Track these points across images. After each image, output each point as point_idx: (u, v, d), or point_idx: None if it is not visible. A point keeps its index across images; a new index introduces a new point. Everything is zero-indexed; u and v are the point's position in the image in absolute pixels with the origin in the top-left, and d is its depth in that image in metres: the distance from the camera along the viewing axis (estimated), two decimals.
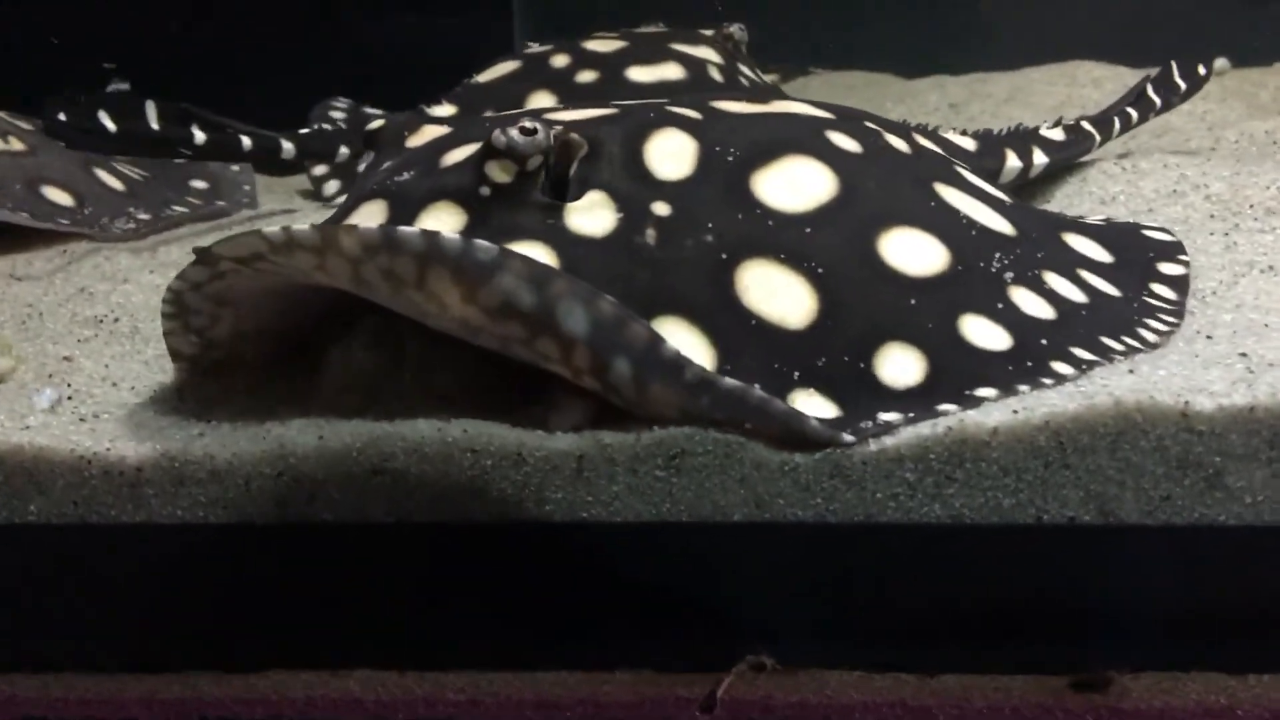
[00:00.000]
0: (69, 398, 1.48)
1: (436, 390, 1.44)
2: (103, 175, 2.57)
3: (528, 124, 1.38)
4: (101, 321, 1.76)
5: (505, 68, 2.85)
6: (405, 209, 1.41)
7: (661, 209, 1.43)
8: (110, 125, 2.42)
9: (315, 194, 2.95)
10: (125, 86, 2.58)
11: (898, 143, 1.68)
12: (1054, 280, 1.53)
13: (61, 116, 2.41)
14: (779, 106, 1.68)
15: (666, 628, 1.36)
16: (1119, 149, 2.51)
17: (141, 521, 1.36)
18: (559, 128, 1.42)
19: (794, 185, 1.49)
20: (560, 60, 2.78)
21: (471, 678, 1.36)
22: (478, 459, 1.33)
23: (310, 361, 1.54)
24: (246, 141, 2.50)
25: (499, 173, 1.40)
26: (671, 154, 1.49)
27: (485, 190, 1.40)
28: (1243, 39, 3.74)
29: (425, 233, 1.24)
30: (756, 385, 1.32)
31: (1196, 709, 1.33)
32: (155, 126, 2.47)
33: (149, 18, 3.14)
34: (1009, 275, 1.49)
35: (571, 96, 2.68)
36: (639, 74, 2.78)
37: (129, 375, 1.59)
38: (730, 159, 1.49)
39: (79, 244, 2.24)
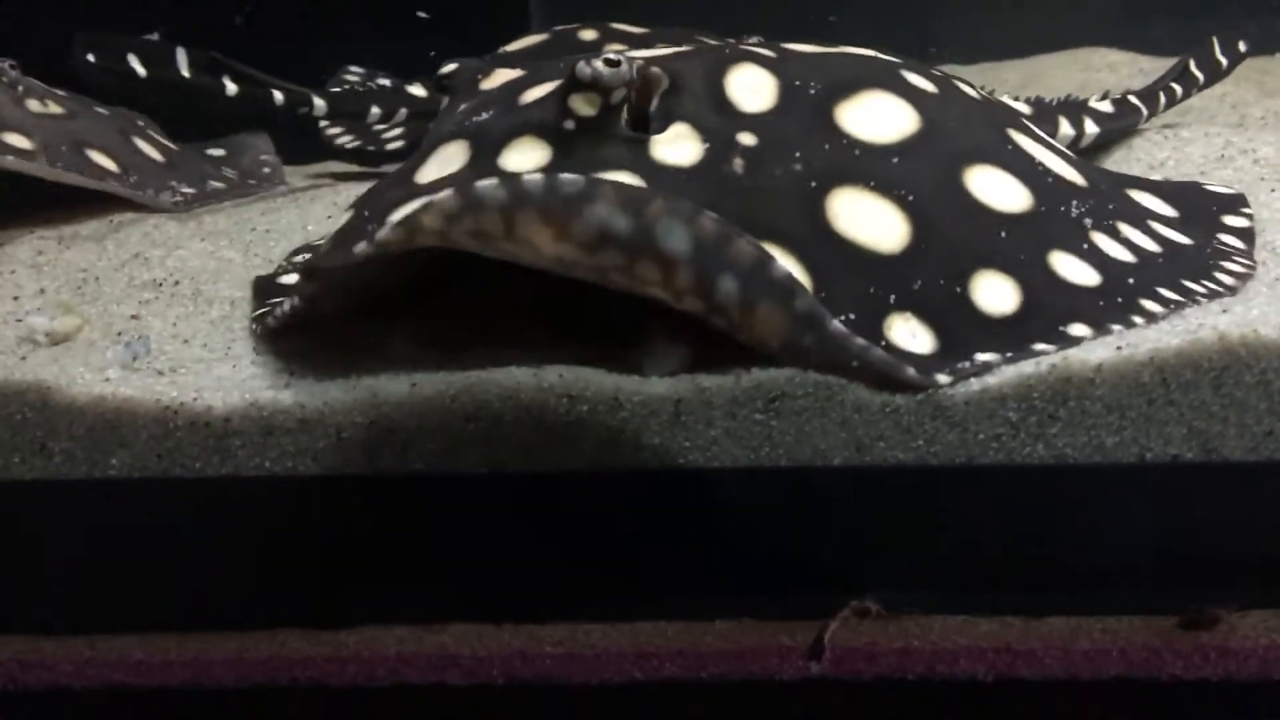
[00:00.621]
0: (146, 352, 1.44)
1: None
2: (143, 145, 2.52)
3: (611, 56, 1.37)
4: (161, 285, 1.72)
5: (533, 40, 2.84)
6: (487, 147, 1.38)
7: (747, 139, 1.42)
8: (140, 69, 2.38)
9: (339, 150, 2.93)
10: (154, 37, 2.51)
11: (968, 89, 1.67)
12: (1128, 230, 1.53)
13: (90, 57, 2.35)
14: (851, 50, 1.67)
15: (767, 574, 1.34)
16: (1157, 124, 2.53)
17: (228, 474, 1.32)
18: (640, 61, 1.41)
19: (877, 118, 1.48)
20: (588, 35, 2.77)
21: (568, 630, 1.34)
22: (574, 405, 1.30)
23: (389, 324, 1.52)
24: (278, 96, 2.45)
25: (583, 105, 1.38)
26: (753, 87, 1.47)
27: (569, 124, 1.38)
28: (1244, 27, 3.82)
29: (504, 183, 1.21)
30: (850, 316, 1.31)
31: None
32: (186, 74, 2.41)
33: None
34: (1088, 221, 1.49)
35: None
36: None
37: (199, 333, 1.55)
38: (812, 92, 1.48)
39: (123, 213, 2.19)
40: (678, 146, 1.40)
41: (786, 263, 1.33)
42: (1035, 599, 1.33)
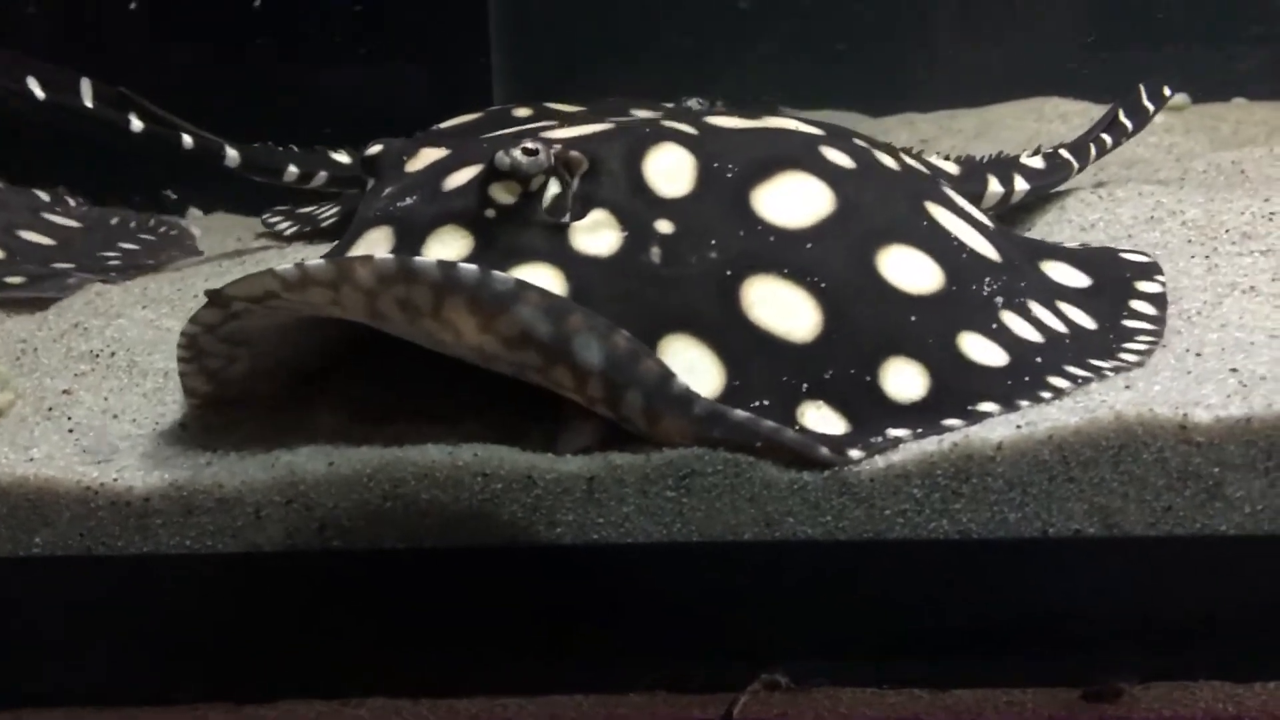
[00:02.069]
0: (71, 430, 1.47)
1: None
2: (26, 234, 2.50)
3: (529, 144, 1.40)
4: (98, 356, 1.74)
5: (466, 118, 2.86)
6: (411, 235, 1.42)
7: (665, 226, 1.45)
8: (39, 92, 2.33)
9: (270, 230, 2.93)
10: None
11: (887, 160, 1.71)
12: (1038, 308, 1.57)
13: None
14: (771, 122, 1.71)
15: (680, 648, 1.36)
16: (1093, 179, 2.57)
17: (149, 552, 1.35)
18: (559, 146, 1.44)
19: (793, 201, 1.52)
20: (522, 112, 2.81)
21: (485, 703, 1.36)
22: (488, 482, 1.33)
23: (315, 389, 1.55)
24: (187, 140, 2.42)
25: (503, 194, 1.42)
26: (671, 170, 1.51)
27: (490, 212, 1.41)
28: (1200, 76, 3.88)
29: (442, 263, 1.25)
30: (764, 402, 1.35)
31: (1205, 717, 1.35)
32: (88, 104, 2.37)
33: (114, 60, 3.14)
34: (998, 300, 1.52)
35: None
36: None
37: (129, 408, 1.58)
38: (729, 175, 1.52)
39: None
40: (597, 235, 1.44)
41: (699, 354, 1.37)
42: (942, 671, 1.36)
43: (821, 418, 1.36)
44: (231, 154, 2.49)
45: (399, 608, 1.36)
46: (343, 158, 2.72)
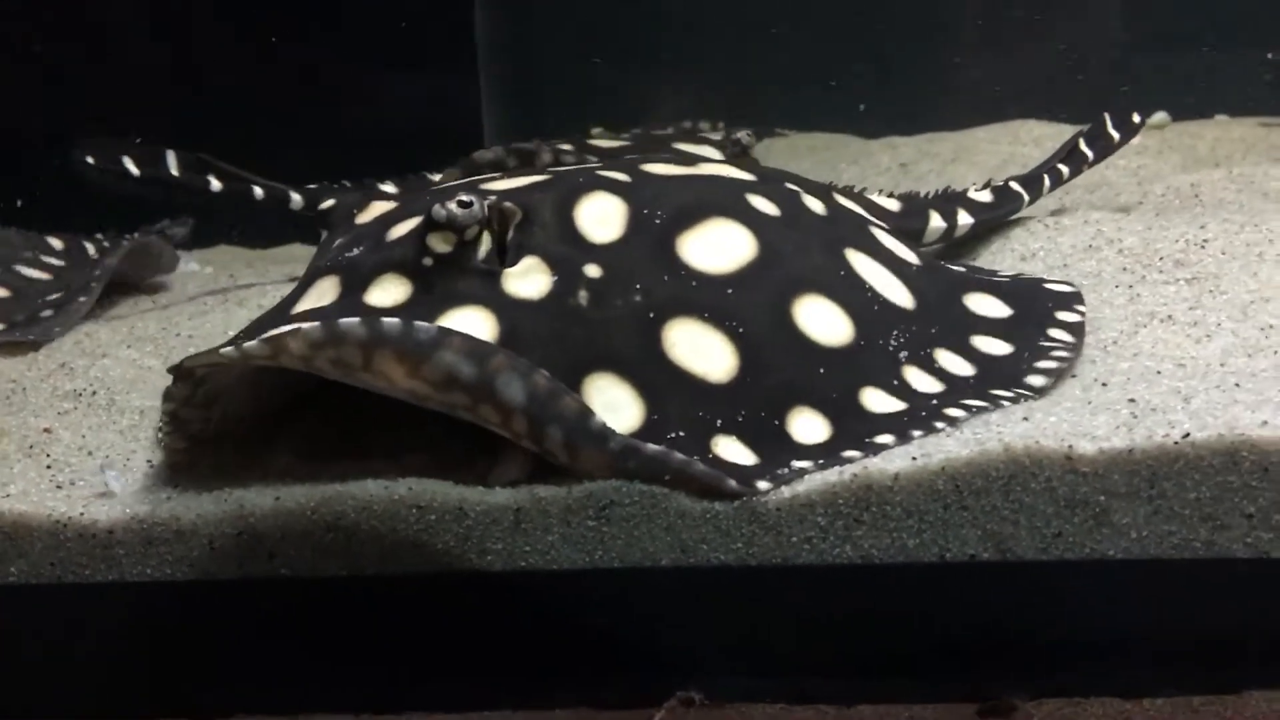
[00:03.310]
0: (48, 466, 1.60)
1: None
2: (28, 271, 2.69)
3: (464, 197, 1.51)
4: (80, 395, 1.87)
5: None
6: (355, 283, 1.53)
7: (593, 271, 1.55)
8: (134, 169, 2.68)
9: None
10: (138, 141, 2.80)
11: (815, 205, 1.81)
12: (945, 357, 1.66)
13: (89, 159, 2.66)
14: (705, 169, 1.81)
15: (602, 666, 1.46)
16: (1054, 204, 2.63)
17: (114, 580, 1.47)
18: (493, 198, 1.55)
19: (717, 247, 1.61)
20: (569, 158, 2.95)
21: (422, 717, 1.46)
22: (423, 514, 1.44)
23: (274, 427, 1.66)
24: (258, 191, 2.70)
25: (439, 244, 1.52)
26: (602, 217, 1.61)
27: (428, 261, 1.52)
28: (1182, 93, 3.92)
29: (366, 322, 1.36)
30: (680, 434, 1.45)
31: None
32: (175, 173, 2.70)
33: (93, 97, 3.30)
34: (903, 354, 1.62)
35: None
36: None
37: (104, 445, 1.70)
38: (658, 221, 1.62)
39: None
40: (528, 279, 1.54)
41: (621, 391, 1.47)
42: (847, 687, 1.45)
43: (733, 451, 1.46)
44: (295, 198, 2.71)
45: (343, 630, 1.47)
46: (389, 188, 2.92)
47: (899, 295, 1.71)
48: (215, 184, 2.70)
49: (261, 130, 3.19)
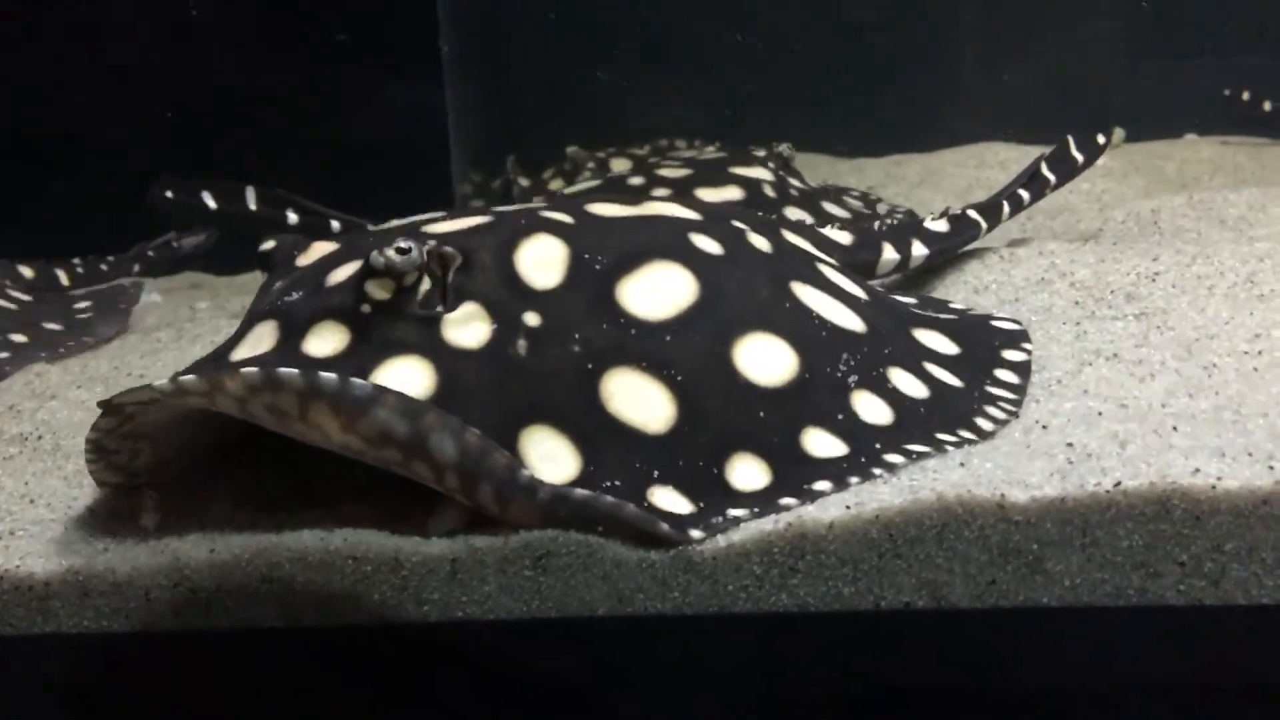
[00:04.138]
0: None
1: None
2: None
3: (402, 244, 1.51)
4: (26, 439, 1.87)
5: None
6: (294, 329, 1.53)
7: (532, 319, 1.56)
8: (212, 204, 2.85)
9: None
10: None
11: (760, 242, 1.81)
12: (898, 377, 1.66)
13: (169, 194, 2.83)
14: (650, 209, 1.81)
15: (541, 717, 1.47)
16: (1015, 231, 2.64)
17: (50, 632, 1.46)
18: (433, 243, 1.55)
19: (657, 292, 1.61)
20: (635, 180, 3.12)
21: None
22: (358, 565, 1.44)
23: (213, 475, 1.66)
24: (335, 225, 2.82)
25: (378, 290, 1.52)
26: (542, 262, 1.61)
27: (366, 308, 1.52)
28: (1153, 113, 3.94)
29: (304, 373, 1.36)
30: (616, 483, 1.45)
31: None
32: (253, 208, 2.85)
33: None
34: (853, 379, 1.62)
35: None
36: (707, 194, 3.09)
37: (46, 492, 1.69)
38: (598, 267, 1.62)
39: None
40: (468, 327, 1.54)
41: (557, 444, 1.47)
42: None
43: (669, 500, 1.46)
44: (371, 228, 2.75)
45: (281, 682, 1.47)
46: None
47: (849, 320, 1.71)
48: (293, 217, 2.82)
49: (219, 146, 3.20)
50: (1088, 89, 3.89)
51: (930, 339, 1.80)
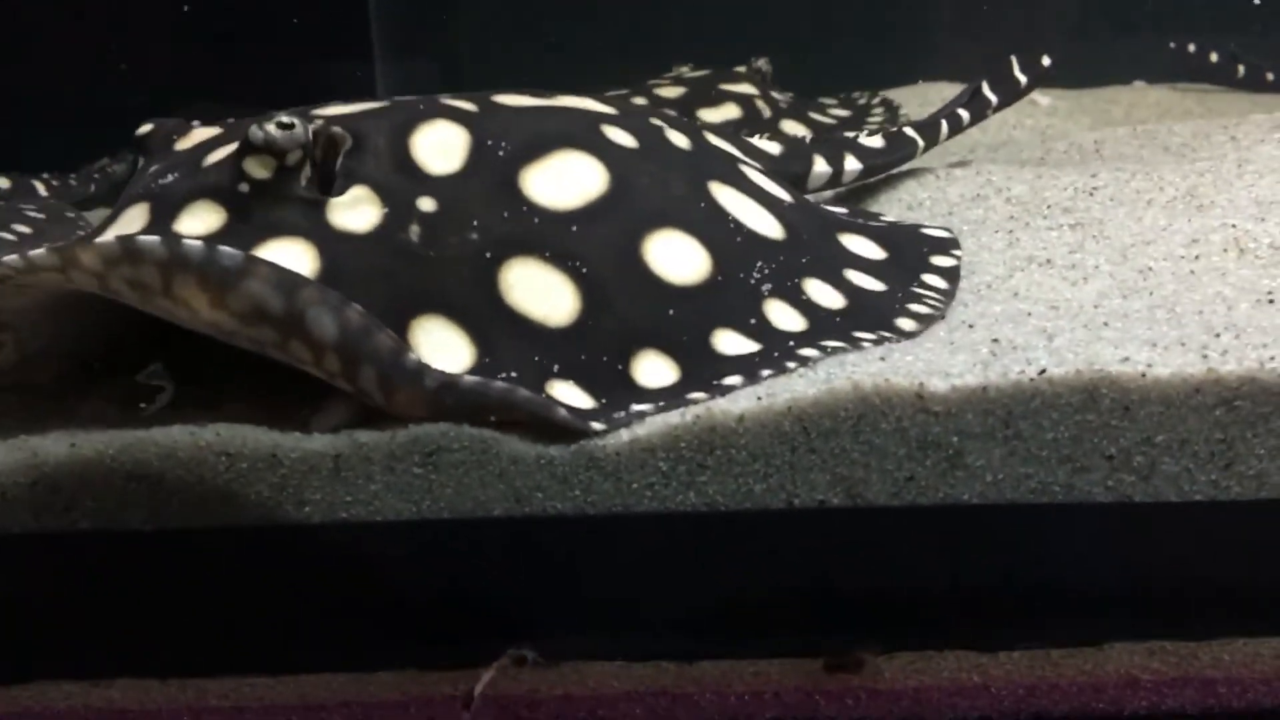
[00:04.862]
0: None
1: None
2: None
3: (284, 118, 1.40)
4: None
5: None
6: (165, 210, 1.42)
7: (427, 204, 1.45)
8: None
9: None
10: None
11: (678, 139, 1.71)
12: (814, 287, 1.57)
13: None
14: (561, 100, 1.71)
15: (431, 625, 1.37)
16: (954, 157, 2.56)
17: None
18: (320, 122, 1.44)
19: (563, 181, 1.51)
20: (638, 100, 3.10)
21: (234, 683, 1.36)
22: (233, 462, 1.33)
23: (93, 381, 1.55)
24: None
25: (257, 168, 1.41)
26: (440, 147, 1.51)
27: (244, 187, 1.41)
28: (1104, 59, 3.88)
29: (165, 241, 1.25)
30: (512, 375, 1.35)
31: (950, 686, 1.35)
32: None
33: None
34: (766, 287, 1.53)
35: None
36: (707, 114, 3.14)
37: None
38: (501, 153, 1.52)
39: None
40: (356, 211, 1.44)
41: (451, 335, 1.38)
42: (689, 644, 1.36)
43: (569, 395, 1.36)
44: None
45: (147, 589, 1.36)
46: None
47: (767, 227, 1.62)
48: None
49: (130, 110, 3.05)
50: (1039, 40, 3.83)
51: (855, 244, 1.71)
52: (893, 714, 1.35)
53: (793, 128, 3.15)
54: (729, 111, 3.16)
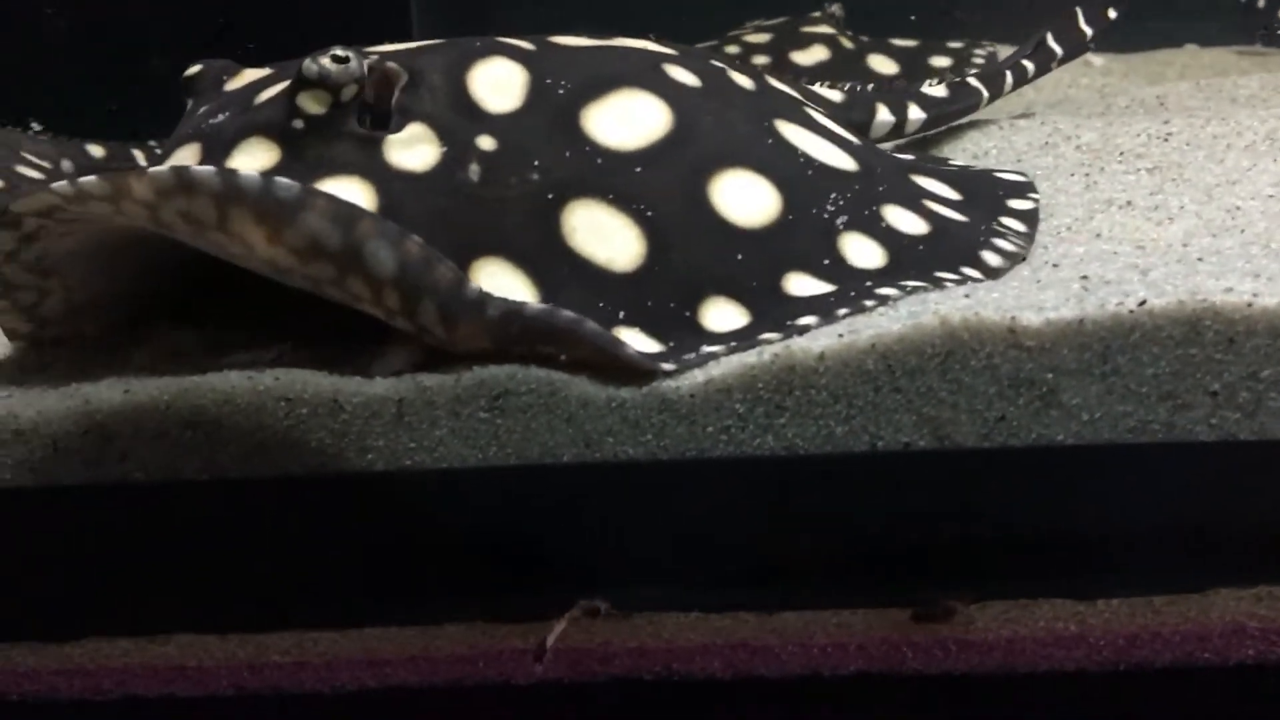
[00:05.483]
0: None
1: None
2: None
3: (339, 52, 1.35)
4: None
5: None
6: (217, 149, 1.37)
7: (486, 143, 1.40)
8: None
9: None
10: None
11: (742, 80, 1.65)
12: (894, 214, 1.50)
13: None
14: (620, 41, 1.65)
15: (499, 576, 1.31)
16: (1016, 111, 2.48)
17: None
18: (375, 57, 1.39)
19: (626, 120, 1.46)
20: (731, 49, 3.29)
21: (296, 638, 1.31)
22: (292, 408, 1.28)
23: (142, 331, 1.50)
24: None
25: (312, 104, 1.36)
26: (499, 84, 1.45)
27: (298, 123, 1.36)
28: (1153, 22, 3.79)
29: (221, 171, 1.20)
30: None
31: (1046, 636, 1.29)
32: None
33: None
34: (842, 220, 1.46)
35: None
36: (799, 57, 3.33)
37: None
38: (561, 92, 1.46)
39: None
40: (413, 149, 1.38)
41: (512, 279, 1.32)
42: (769, 593, 1.30)
43: (637, 341, 1.30)
44: None
45: (204, 541, 1.31)
46: None
47: (839, 160, 1.55)
48: None
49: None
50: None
51: (930, 185, 1.64)
52: (984, 666, 1.29)
53: (880, 63, 3.25)
54: (818, 54, 3.31)
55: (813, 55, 3.30)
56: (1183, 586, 1.28)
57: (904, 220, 1.49)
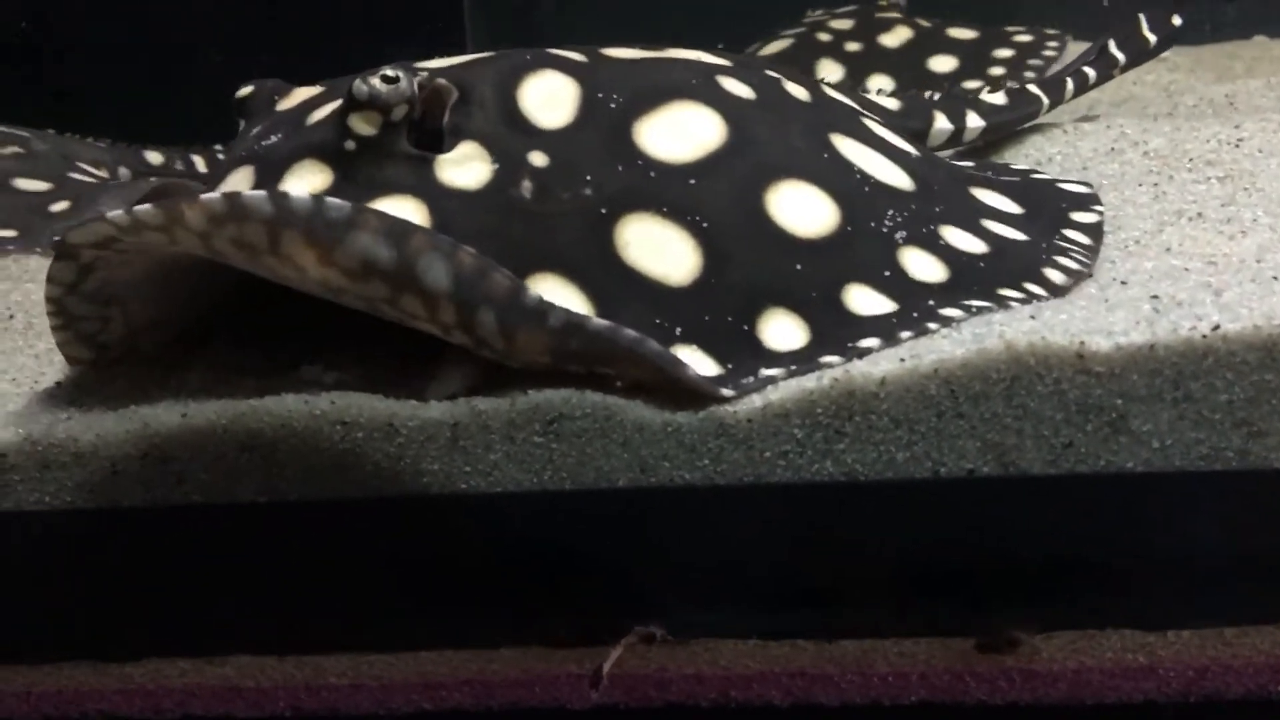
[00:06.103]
0: None
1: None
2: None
3: (389, 72, 1.34)
4: None
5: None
6: (270, 171, 1.36)
7: (538, 159, 1.38)
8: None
9: None
10: None
11: (797, 91, 1.62)
12: (952, 234, 1.47)
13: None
14: (673, 52, 1.63)
15: (553, 601, 1.30)
16: (1080, 112, 2.43)
17: (9, 509, 1.31)
18: (425, 75, 1.38)
19: (679, 133, 1.43)
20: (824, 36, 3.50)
21: (352, 660, 1.31)
22: (348, 431, 1.27)
23: (195, 351, 1.50)
24: None
25: (362, 125, 1.35)
26: (550, 99, 1.43)
27: (350, 144, 1.35)
28: (1221, 12, 3.70)
29: (271, 196, 1.19)
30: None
31: (1113, 668, 1.26)
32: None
33: None
34: (901, 235, 1.43)
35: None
36: (888, 40, 3.49)
37: (13, 368, 1.55)
38: (613, 105, 1.44)
39: None
40: (465, 167, 1.37)
41: (567, 294, 1.31)
42: (828, 621, 1.28)
43: (695, 360, 1.28)
44: None
45: (261, 563, 1.31)
46: None
47: (895, 177, 1.52)
48: None
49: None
50: None
51: (990, 198, 1.61)
52: (1049, 697, 1.26)
53: (958, 32, 3.42)
54: (902, 33, 3.46)
55: (897, 36, 3.45)
56: (1254, 618, 1.25)
57: (961, 240, 1.46)
